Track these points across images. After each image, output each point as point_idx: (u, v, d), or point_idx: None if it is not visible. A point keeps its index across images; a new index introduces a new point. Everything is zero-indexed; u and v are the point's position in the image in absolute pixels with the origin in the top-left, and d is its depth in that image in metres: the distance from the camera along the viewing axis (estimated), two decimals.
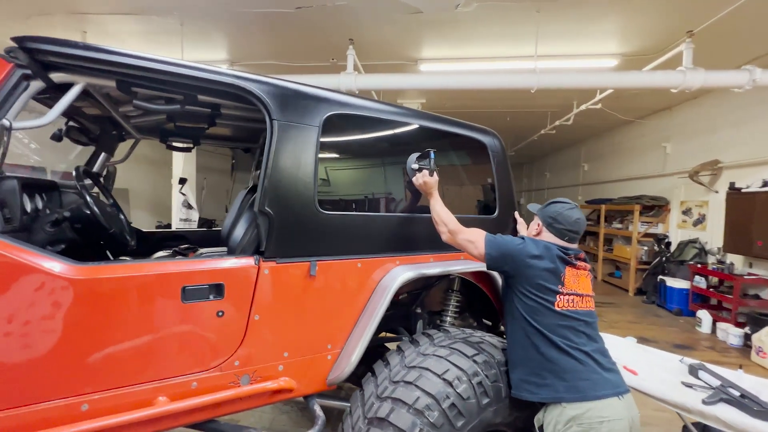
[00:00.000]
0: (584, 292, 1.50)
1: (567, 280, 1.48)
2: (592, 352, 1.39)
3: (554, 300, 1.44)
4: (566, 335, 1.41)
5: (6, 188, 1.26)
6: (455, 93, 6.21)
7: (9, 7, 3.76)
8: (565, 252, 1.52)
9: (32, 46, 1.16)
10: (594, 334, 1.47)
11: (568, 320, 1.42)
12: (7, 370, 1.11)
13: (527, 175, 16.15)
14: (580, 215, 1.60)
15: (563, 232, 1.56)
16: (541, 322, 1.44)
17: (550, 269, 1.47)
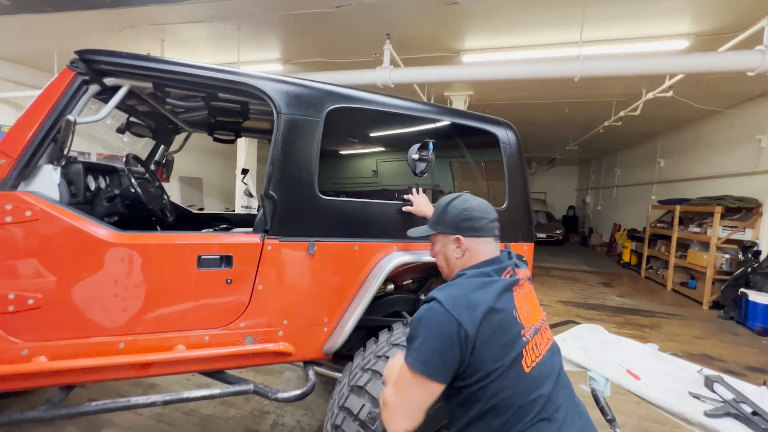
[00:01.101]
0: (542, 317, 1.07)
1: (522, 316, 0.98)
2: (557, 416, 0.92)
3: (521, 358, 0.93)
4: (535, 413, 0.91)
5: (73, 170, 1.61)
6: (504, 84, 5.99)
7: (105, 22, 4.51)
8: (501, 265, 1.07)
9: (89, 57, 1.48)
10: (565, 382, 1.02)
11: (537, 382, 0.94)
12: (68, 311, 1.45)
13: (595, 171, 14.84)
14: (481, 199, 1.18)
15: (489, 226, 1.11)
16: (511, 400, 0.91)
17: (498, 317, 0.93)
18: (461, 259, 1.12)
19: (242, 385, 1.66)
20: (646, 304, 6.35)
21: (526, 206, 2.22)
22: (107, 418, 2.58)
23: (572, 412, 0.97)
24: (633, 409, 2.91)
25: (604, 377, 1.67)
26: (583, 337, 2.07)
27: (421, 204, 1.83)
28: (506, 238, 2.12)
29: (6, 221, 1.37)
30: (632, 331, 4.95)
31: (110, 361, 1.49)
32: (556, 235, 13.34)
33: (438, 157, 2.17)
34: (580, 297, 6.61)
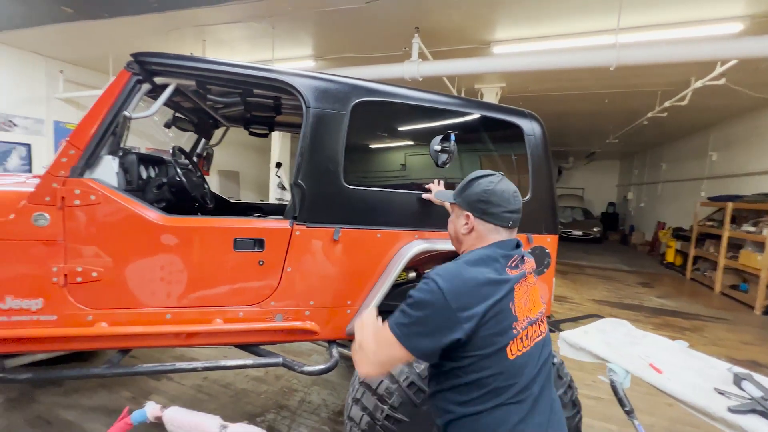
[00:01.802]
0: (539, 311, 1.07)
1: (519, 308, 0.99)
2: (536, 416, 0.96)
3: (507, 345, 0.95)
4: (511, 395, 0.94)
5: (128, 160, 1.82)
6: (537, 75, 5.81)
7: (154, 26, 4.86)
8: (508, 254, 1.05)
9: (142, 59, 1.65)
10: (544, 373, 1.03)
11: (520, 370, 0.96)
12: (124, 284, 1.65)
13: (638, 165, 14.00)
14: (514, 188, 1.13)
15: (505, 216, 1.07)
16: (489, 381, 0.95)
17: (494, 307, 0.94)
18: (468, 236, 1.12)
19: (272, 358, 1.80)
20: (688, 307, 6.00)
21: (551, 198, 2.21)
22: (155, 386, 2.86)
23: (544, 404, 0.99)
24: (664, 410, 2.81)
25: (624, 369, 1.66)
26: (607, 331, 2.05)
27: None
28: (529, 229, 2.13)
29: (75, 204, 1.58)
30: (671, 333, 4.72)
31: (159, 330, 1.68)
32: (594, 233, 12.78)
33: (463, 149, 2.20)
34: (615, 296, 6.35)
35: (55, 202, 1.56)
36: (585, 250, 11.41)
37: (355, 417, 1.60)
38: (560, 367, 1.69)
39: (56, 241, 1.57)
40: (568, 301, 5.89)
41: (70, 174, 1.58)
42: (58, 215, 1.57)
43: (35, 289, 1.57)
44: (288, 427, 2.43)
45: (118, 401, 2.65)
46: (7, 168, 6.16)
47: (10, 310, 1.56)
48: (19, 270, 1.56)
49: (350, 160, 1.88)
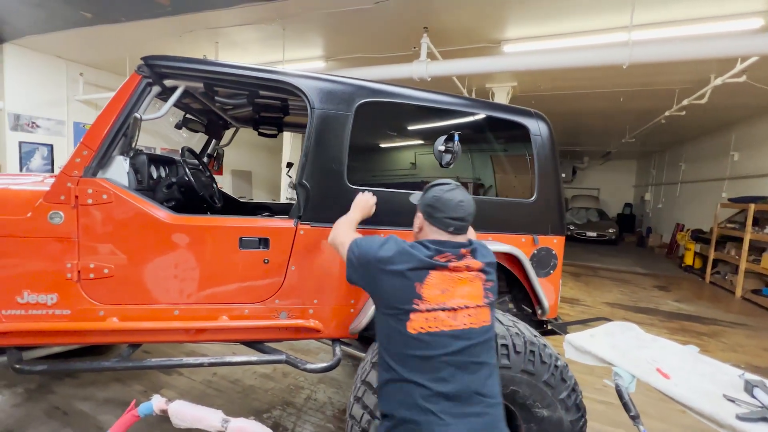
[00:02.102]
0: (463, 303, 1.14)
1: (427, 291, 1.12)
2: (444, 390, 1.05)
3: (406, 320, 1.10)
4: (417, 368, 1.07)
5: (139, 161, 1.88)
6: (549, 74, 5.73)
7: (168, 29, 4.98)
8: (440, 249, 1.18)
9: (152, 62, 1.70)
10: (468, 360, 1.10)
11: (423, 347, 1.08)
12: (134, 280, 1.70)
13: (656, 165, 13.65)
14: (465, 196, 1.27)
15: (446, 222, 1.22)
16: (392, 350, 1.14)
17: (401, 279, 1.13)
18: (418, 234, 1.35)
19: (276, 355, 1.83)
20: (707, 311, 5.82)
21: (558, 199, 2.18)
22: (166, 380, 2.94)
23: (463, 393, 1.07)
24: (677, 417, 2.74)
25: (630, 374, 1.62)
26: (614, 334, 2.01)
27: None
28: (535, 230, 2.11)
29: (88, 203, 1.63)
30: (687, 338, 4.59)
31: (167, 325, 1.73)
32: (609, 235, 12.51)
33: (468, 149, 2.20)
34: (630, 299, 6.21)
35: (69, 201, 1.62)
36: (599, 252, 11.18)
37: (356, 415, 1.61)
38: (564, 370, 1.66)
39: (70, 238, 1.63)
40: (580, 303, 5.79)
41: (83, 174, 1.64)
42: (72, 213, 1.63)
43: (50, 285, 1.64)
44: (293, 423, 2.47)
45: (131, 394, 2.73)
46: (31, 168, 6.41)
47: (27, 304, 1.63)
48: (35, 266, 1.63)
49: (354, 160, 1.89)
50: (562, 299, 5.98)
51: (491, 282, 1.26)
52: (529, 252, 2.09)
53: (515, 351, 1.58)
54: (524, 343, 1.61)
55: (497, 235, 2.05)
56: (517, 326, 1.70)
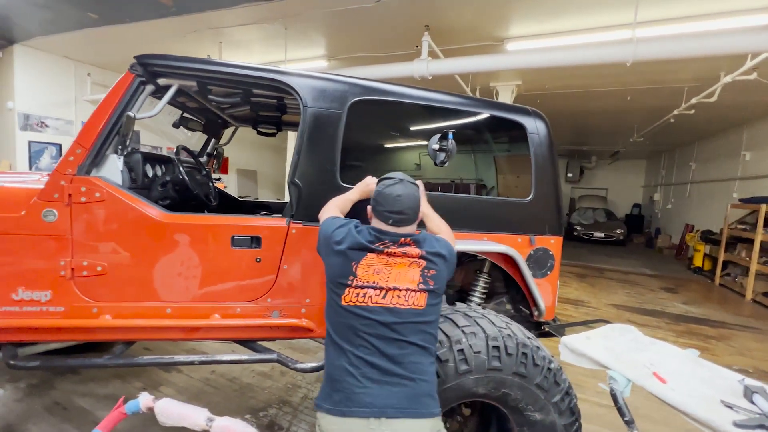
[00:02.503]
0: (393, 285, 1.24)
1: (361, 270, 1.26)
2: (366, 357, 1.18)
3: (341, 293, 1.25)
4: (346, 335, 1.22)
5: (134, 159, 1.89)
6: (554, 72, 5.66)
7: (173, 29, 5.02)
8: (379, 237, 1.30)
9: (145, 61, 1.71)
10: (390, 336, 1.20)
11: (351, 318, 1.22)
12: (127, 278, 1.71)
13: (666, 165, 13.41)
14: (404, 191, 1.34)
15: (385, 214, 1.33)
16: (330, 318, 1.29)
17: (343, 257, 1.28)
18: (370, 221, 1.44)
19: (268, 354, 1.83)
20: (715, 314, 5.70)
21: (556, 199, 2.14)
22: (165, 378, 2.96)
23: (381, 364, 1.18)
24: (682, 422, 2.67)
25: (625, 377, 1.59)
26: (611, 336, 1.97)
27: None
28: (532, 230, 2.07)
29: (81, 201, 1.65)
30: (693, 341, 4.50)
31: (159, 323, 1.74)
32: (616, 235, 12.34)
33: (464, 148, 2.17)
34: (636, 301, 6.11)
35: (62, 199, 1.63)
36: (607, 252, 11.03)
37: None
38: (557, 373, 1.63)
39: (64, 236, 1.65)
40: (585, 305, 5.71)
41: (76, 172, 1.65)
42: (66, 211, 1.64)
43: (44, 282, 1.66)
44: (289, 422, 2.47)
45: (130, 391, 2.75)
46: (40, 167, 6.52)
47: (21, 300, 1.65)
48: (30, 263, 1.64)
49: (347, 158, 1.88)
50: (566, 300, 5.90)
51: (433, 270, 1.31)
52: (526, 252, 2.06)
53: (507, 353, 1.56)
54: (516, 345, 1.59)
55: (492, 235, 2.02)
56: (510, 328, 1.67)
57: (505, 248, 1.94)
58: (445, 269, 1.35)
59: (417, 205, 1.36)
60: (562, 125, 10.28)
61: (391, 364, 1.18)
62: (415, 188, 1.40)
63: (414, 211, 1.35)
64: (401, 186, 1.35)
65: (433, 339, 1.28)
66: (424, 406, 1.16)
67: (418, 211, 1.38)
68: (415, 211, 1.35)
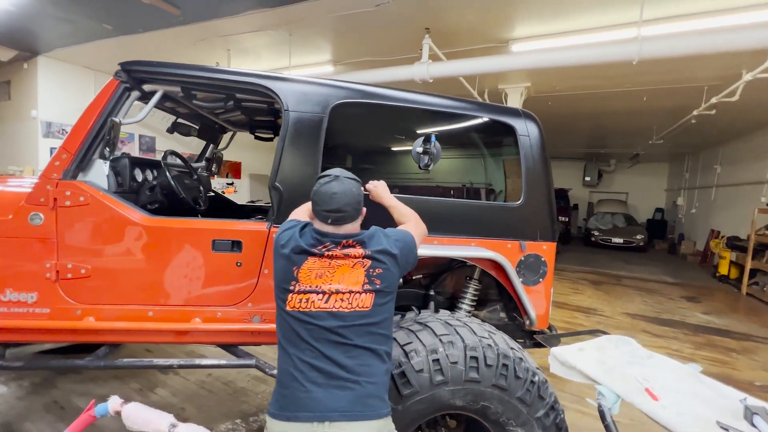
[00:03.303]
0: (335, 288, 1.21)
1: (303, 275, 1.23)
2: (311, 361, 1.15)
3: (286, 299, 1.23)
4: (292, 340, 1.20)
5: (121, 164, 1.92)
6: (564, 73, 5.52)
7: (183, 38, 5.17)
8: (320, 239, 1.27)
9: (129, 68, 1.74)
10: (335, 339, 1.17)
11: (296, 323, 1.19)
12: (110, 281, 1.73)
13: (690, 168, 12.86)
14: (341, 188, 1.29)
15: (322, 214, 1.28)
16: (278, 324, 1.26)
17: (286, 261, 1.26)
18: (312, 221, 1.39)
19: (247, 360, 1.82)
20: (739, 325, 5.38)
21: (548, 203, 2.06)
22: (162, 379, 3.00)
23: (325, 368, 1.16)
24: None
25: (614, 393, 1.49)
26: (606, 348, 1.86)
27: (379, 192, 1.71)
28: (522, 236, 1.99)
29: (66, 205, 1.68)
30: (713, 354, 4.25)
31: (141, 326, 1.75)
32: (636, 241, 11.89)
33: (451, 151, 2.12)
34: (653, 311, 5.84)
35: (48, 203, 1.67)
36: (625, 259, 10.63)
37: None
38: (542, 386, 1.55)
39: (49, 239, 1.69)
40: (597, 313, 5.50)
41: (62, 176, 1.69)
42: (51, 215, 1.68)
43: (31, 284, 1.70)
44: None
45: (126, 392, 2.80)
46: None
47: (9, 302, 1.69)
48: (17, 265, 1.69)
49: (330, 162, 1.86)
50: (578, 308, 5.70)
51: (380, 269, 1.26)
52: (516, 259, 1.98)
53: (486, 364, 1.49)
54: (497, 355, 1.52)
55: (480, 240, 1.96)
56: (492, 337, 1.60)
57: (491, 254, 1.87)
58: (395, 266, 1.30)
59: (356, 201, 1.31)
60: (577, 127, 10.03)
61: (336, 367, 1.15)
62: (354, 184, 1.34)
63: (353, 207, 1.30)
64: (337, 183, 1.31)
65: (382, 339, 1.24)
66: (369, 408, 1.13)
67: (358, 208, 1.33)
68: (355, 207, 1.31)
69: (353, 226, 1.33)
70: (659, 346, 4.34)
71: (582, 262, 9.72)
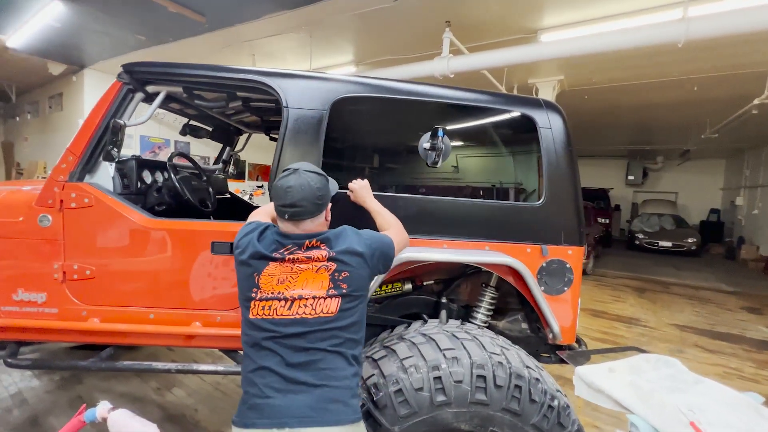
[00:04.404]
0: (298, 294, 1.15)
1: (264, 281, 1.17)
2: (271, 367, 1.11)
3: (249, 306, 1.17)
4: (254, 347, 1.15)
5: (127, 166, 1.93)
6: (602, 63, 5.13)
7: (210, 45, 5.33)
8: (282, 242, 1.20)
9: (131, 69, 1.74)
10: (298, 345, 1.12)
11: (258, 331, 1.14)
12: (113, 282, 1.73)
13: (751, 165, 11.64)
14: (297, 181, 1.22)
15: (279, 209, 1.22)
16: (242, 330, 1.21)
17: (246, 268, 1.21)
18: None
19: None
20: None
21: (574, 203, 1.84)
22: (180, 379, 3.04)
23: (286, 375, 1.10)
24: None
25: (650, 425, 1.27)
26: (642, 370, 1.61)
27: (362, 194, 1.62)
28: (543, 239, 1.79)
29: (71, 206, 1.70)
30: None
31: (142, 329, 1.73)
32: (687, 245, 10.91)
33: (465, 146, 1.97)
34: (707, 322, 5.26)
35: (55, 205, 1.70)
36: (675, 264, 9.76)
37: None
38: (562, 412, 1.36)
39: (57, 240, 1.71)
40: (640, 324, 5.03)
41: (68, 178, 1.71)
42: (58, 217, 1.70)
43: (40, 284, 1.73)
44: None
45: (145, 391, 2.85)
46: None
47: (21, 301, 1.74)
48: (28, 266, 1.73)
49: (331, 160, 1.76)
50: (618, 318, 5.25)
51: (346, 272, 1.19)
52: (536, 264, 1.78)
53: (495, 384, 1.32)
54: (508, 375, 1.34)
55: (496, 244, 1.77)
56: (505, 354, 1.42)
57: (505, 258, 1.69)
58: (363, 266, 1.22)
59: (314, 195, 1.22)
60: (618, 122, 9.37)
61: (297, 372, 1.11)
62: (315, 178, 1.25)
63: (310, 202, 1.21)
64: (294, 176, 1.24)
65: (350, 343, 1.17)
66: (330, 413, 1.07)
67: (318, 203, 1.24)
68: (312, 202, 1.22)
69: (314, 223, 1.24)
70: (714, 363, 3.88)
71: (624, 267, 9.03)
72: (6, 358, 1.73)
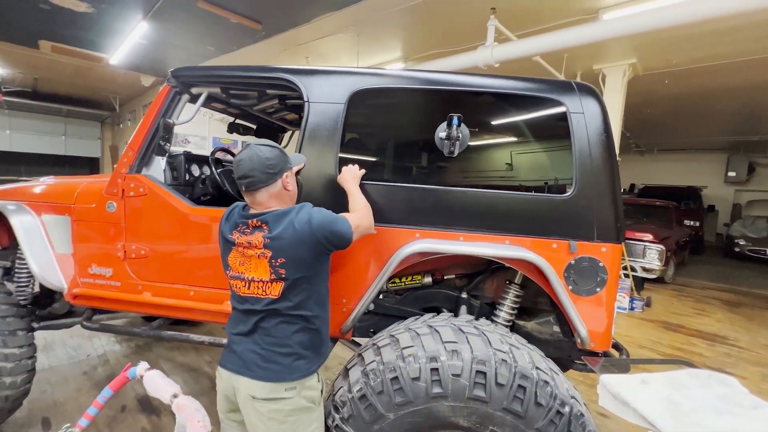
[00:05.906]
0: (251, 276, 1.30)
1: (231, 261, 1.36)
2: (239, 326, 1.36)
3: (228, 279, 1.40)
4: (233, 310, 1.41)
5: (177, 160, 2.18)
6: (680, 41, 4.50)
7: (269, 51, 5.73)
8: (237, 222, 1.34)
9: (177, 74, 1.96)
10: (248, 320, 1.33)
11: (233, 300, 1.40)
12: (162, 261, 1.98)
13: None
14: (247, 154, 1.31)
15: (238, 184, 1.35)
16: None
17: (223, 247, 1.40)
18: None
19: None
20: None
21: (611, 196, 1.65)
22: None
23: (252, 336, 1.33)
24: None
25: None
26: (686, 386, 1.40)
27: (345, 176, 1.68)
28: (573, 234, 1.65)
29: (130, 195, 1.98)
30: None
31: (183, 304, 1.95)
32: None
33: (488, 135, 1.89)
34: None
35: (118, 193, 1.98)
36: None
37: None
38: (575, 421, 1.24)
39: (119, 223, 2.00)
40: (726, 342, 4.33)
41: (128, 171, 1.99)
42: (121, 204, 1.99)
43: (108, 261, 2.04)
44: None
45: (199, 363, 3.20)
46: None
47: (94, 274, 2.07)
48: (99, 245, 2.05)
49: (348, 152, 1.81)
50: (700, 334, 4.57)
51: (282, 258, 1.27)
52: (563, 261, 1.64)
53: (496, 382, 1.26)
54: (512, 374, 1.27)
55: (517, 238, 1.67)
56: (513, 352, 1.34)
57: (524, 253, 1.58)
58: (300, 245, 1.28)
59: (264, 165, 1.30)
60: (713, 110, 8.11)
61: (249, 335, 1.33)
62: (266, 150, 1.33)
63: (261, 171, 1.30)
64: (246, 150, 1.34)
65: (298, 318, 1.32)
66: (263, 370, 1.28)
67: (269, 171, 1.31)
68: (263, 171, 1.30)
69: (269, 192, 1.33)
70: None
71: (715, 277, 7.81)
72: (83, 321, 2.07)
